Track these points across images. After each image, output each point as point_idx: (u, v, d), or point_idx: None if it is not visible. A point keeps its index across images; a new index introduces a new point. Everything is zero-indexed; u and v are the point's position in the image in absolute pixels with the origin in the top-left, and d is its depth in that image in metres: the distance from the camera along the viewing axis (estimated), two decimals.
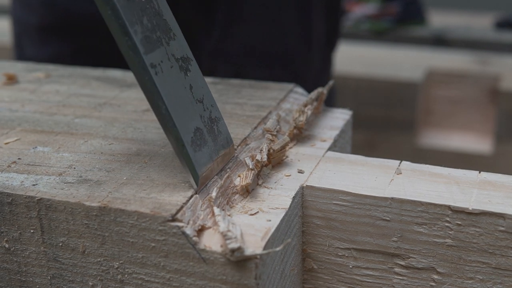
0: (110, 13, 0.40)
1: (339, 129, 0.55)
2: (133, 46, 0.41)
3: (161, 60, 0.43)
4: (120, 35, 0.41)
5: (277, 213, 0.42)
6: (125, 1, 0.41)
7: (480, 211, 0.42)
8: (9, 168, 0.46)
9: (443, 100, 1.56)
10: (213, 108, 0.46)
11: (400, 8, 2.02)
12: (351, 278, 0.47)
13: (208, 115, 0.45)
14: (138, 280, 0.42)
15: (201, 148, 0.43)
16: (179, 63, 0.44)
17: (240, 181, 0.44)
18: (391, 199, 0.44)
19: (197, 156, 0.43)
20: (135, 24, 0.41)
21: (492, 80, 1.51)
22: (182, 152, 0.42)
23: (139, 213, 0.41)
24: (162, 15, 0.44)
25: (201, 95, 0.45)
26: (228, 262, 0.39)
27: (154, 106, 0.42)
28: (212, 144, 0.45)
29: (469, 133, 1.55)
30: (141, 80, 0.42)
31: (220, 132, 0.46)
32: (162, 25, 0.44)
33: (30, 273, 0.45)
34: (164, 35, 0.43)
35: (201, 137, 0.44)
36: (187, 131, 0.43)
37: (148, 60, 0.41)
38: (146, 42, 0.42)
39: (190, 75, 0.45)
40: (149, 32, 0.42)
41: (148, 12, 0.43)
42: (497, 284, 0.43)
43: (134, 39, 0.41)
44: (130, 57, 0.41)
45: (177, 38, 0.45)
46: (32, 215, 0.43)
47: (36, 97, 0.60)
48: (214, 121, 0.46)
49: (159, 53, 0.42)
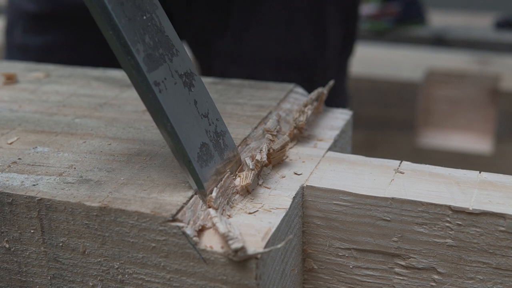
0: (112, 33, 0.40)
1: (339, 129, 0.55)
2: (136, 65, 0.41)
3: (165, 77, 0.42)
4: (123, 55, 0.40)
5: (278, 213, 0.42)
6: (126, 20, 0.40)
7: (480, 211, 0.42)
8: (10, 168, 0.46)
9: (443, 100, 1.56)
10: (218, 122, 0.46)
11: (400, 8, 2.02)
12: (352, 278, 0.47)
13: (213, 129, 0.45)
14: (139, 280, 0.42)
15: (208, 164, 0.43)
16: (182, 79, 0.44)
17: (240, 181, 0.44)
18: (392, 199, 0.44)
19: (204, 172, 0.43)
20: (137, 43, 0.41)
21: (492, 80, 1.51)
22: (188, 168, 0.42)
23: (139, 213, 0.41)
24: (164, 31, 0.43)
25: (206, 109, 0.45)
26: (228, 262, 0.39)
27: (159, 124, 0.42)
28: (219, 158, 0.44)
29: (469, 133, 1.55)
30: (145, 98, 0.41)
31: (226, 146, 0.46)
32: (164, 41, 0.43)
33: (31, 273, 0.45)
34: (167, 52, 0.43)
35: (207, 152, 0.43)
36: (193, 147, 0.42)
37: (151, 79, 0.41)
38: (149, 60, 0.41)
39: (194, 90, 0.45)
40: (152, 50, 0.42)
41: (150, 30, 0.42)
42: (497, 284, 0.43)
43: (136, 58, 0.40)
44: (133, 76, 0.41)
45: (180, 53, 0.44)
46: (32, 215, 0.43)
47: (36, 97, 0.60)
48: (220, 135, 0.45)
49: (162, 71, 0.42)
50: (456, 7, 2.60)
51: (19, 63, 0.71)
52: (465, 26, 2.08)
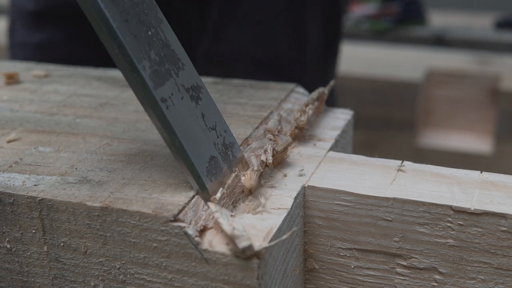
0: (117, 51, 0.40)
1: (340, 129, 0.55)
2: (142, 82, 0.40)
3: (172, 92, 0.42)
4: (129, 72, 0.40)
5: (279, 213, 0.42)
6: (131, 37, 0.40)
7: (482, 211, 0.42)
8: (11, 168, 0.46)
9: (443, 100, 1.56)
10: (226, 133, 0.45)
11: (400, 8, 2.01)
12: (353, 278, 0.47)
13: (222, 141, 0.45)
14: (140, 280, 0.42)
15: (217, 177, 0.43)
16: (189, 93, 0.44)
17: (245, 181, 0.44)
18: (393, 199, 0.44)
19: (214, 186, 0.42)
20: (143, 60, 0.41)
21: (492, 80, 1.51)
22: (197, 182, 0.42)
23: (141, 213, 0.41)
24: (170, 45, 0.43)
25: (213, 122, 0.45)
26: (230, 262, 0.39)
27: (167, 140, 0.42)
28: (228, 171, 0.44)
29: (469, 133, 1.55)
30: (152, 115, 0.41)
31: (235, 157, 0.45)
32: (170, 56, 0.43)
33: (32, 274, 0.45)
34: (173, 66, 0.43)
35: (216, 165, 0.43)
36: (202, 162, 0.42)
37: (158, 95, 0.41)
38: (155, 76, 0.41)
39: (202, 103, 0.44)
40: (158, 66, 0.42)
41: (155, 45, 0.42)
42: (498, 284, 0.43)
43: (142, 75, 0.40)
44: (140, 93, 0.41)
45: (186, 67, 0.44)
46: (33, 215, 0.43)
47: (37, 97, 0.60)
48: (228, 147, 0.45)
49: (169, 86, 0.42)
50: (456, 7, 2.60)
51: (19, 63, 0.71)
52: (465, 26, 2.08)
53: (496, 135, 1.47)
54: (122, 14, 0.40)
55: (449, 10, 2.41)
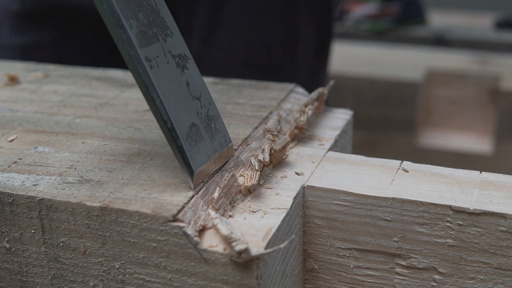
0: (106, 7, 0.41)
1: (340, 129, 0.55)
2: (128, 40, 0.41)
3: (157, 55, 0.43)
4: (115, 29, 0.41)
5: (278, 213, 0.42)
6: None
7: (481, 211, 0.42)
8: (10, 168, 0.46)
9: (443, 100, 1.56)
10: (210, 106, 0.46)
11: (400, 8, 2.02)
12: (352, 278, 0.47)
13: (205, 112, 0.45)
14: (139, 280, 0.42)
15: (197, 144, 0.43)
16: (175, 59, 0.44)
17: (245, 181, 0.44)
18: (392, 199, 0.44)
19: (193, 151, 0.43)
20: (130, 19, 0.41)
21: (492, 80, 1.51)
22: (176, 146, 0.42)
23: (140, 213, 0.41)
24: (159, 12, 0.44)
25: (198, 92, 0.45)
26: (229, 263, 0.39)
27: (148, 99, 0.42)
28: (209, 141, 0.45)
29: (469, 133, 1.55)
30: (136, 73, 0.42)
31: (218, 131, 0.46)
32: (159, 22, 0.44)
33: (31, 274, 0.45)
34: (161, 32, 0.44)
35: (197, 132, 0.44)
36: (182, 125, 0.43)
37: (143, 54, 0.42)
38: (142, 36, 0.42)
39: (187, 72, 0.45)
40: (145, 28, 0.42)
41: (145, 9, 0.43)
42: (498, 284, 0.43)
43: (129, 32, 0.41)
44: (125, 50, 0.41)
45: (174, 36, 0.45)
46: (33, 215, 0.43)
47: (37, 97, 0.60)
48: (211, 119, 0.45)
49: (154, 48, 0.43)
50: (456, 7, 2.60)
51: (19, 63, 0.71)
52: (465, 26, 2.08)
53: (496, 135, 1.47)
54: None
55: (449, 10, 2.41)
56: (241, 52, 0.89)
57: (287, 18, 0.89)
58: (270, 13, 0.88)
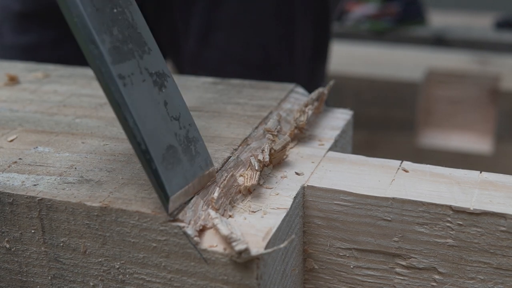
0: (77, 20, 0.38)
1: (340, 129, 0.55)
2: (100, 55, 0.38)
3: (132, 72, 0.40)
4: (86, 43, 0.38)
5: (278, 213, 0.42)
6: (93, 9, 0.39)
7: (481, 211, 0.42)
8: (10, 168, 0.46)
9: (443, 100, 1.56)
10: (190, 127, 0.43)
11: (400, 8, 2.02)
12: (352, 278, 0.47)
13: (184, 133, 0.42)
14: (139, 280, 0.42)
15: (174, 167, 0.40)
16: (153, 77, 0.41)
17: (245, 181, 0.44)
18: (392, 199, 0.43)
19: (169, 175, 0.40)
20: (103, 33, 0.39)
21: (492, 80, 1.51)
22: (150, 169, 0.39)
23: (140, 213, 0.40)
24: (136, 27, 0.41)
25: (177, 112, 0.42)
26: (229, 262, 0.39)
27: (121, 119, 0.39)
28: (188, 164, 0.42)
29: (469, 133, 1.55)
30: (108, 91, 0.39)
31: (198, 153, 0.43)
32: (136, 37, 0.41)
33: (31, 273, 0.45)
34: (137, 48, 0.41)
35: (174, 155, 0.41)
36: (157, 147, 0.40)
37: (115, 71, 0.39)
38: (115, 52, 0.39)
39: (166, 91, 0.42)
40: (120, 43, 0.40)
41: (120, 23, 0.40)
42: (498, 284, 0.43)
43: (100, 47, 0.38)
44: (97, 67, 0.39)
45: (152, 52, 0.42)
46: (33, 215, 0.43)
47: (37, 97, 0.60)
48: (191, 141, 0.42)
49: (129, 65, 0.40)
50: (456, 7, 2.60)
51: (19, 63, 0.71)
52: (465, 26, 2.08)
53: (496, 135, 1.47)
54: None
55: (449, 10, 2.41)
56: (238, 52, 0.89)
57: (284, 17, 0.89)
58: (267, 12, 0.88)
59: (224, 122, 0.53)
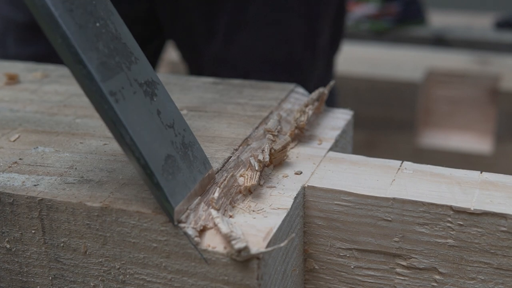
0: (61, 41, 0.37)
1: (340, 129, 0.55)
2: (88, 74, 0.38)
3: (122, 86, 0.39)
4: (73, 64, 0.38)
5: (279, 213, 0.42)
6: (76, 28, 0.38)
7: (481, 212, 0.42)
8: (10, 168, 0.46)
9: (443, 100, 1.56)
10: (185, 132, 0.43)
11: (400, 8, 2.02)
12: (353, 278, 0.47)
13: (180, 140, 0.42)
14: (140, 280, 0.42)
15: (175, 177, 0.40)
16: (143, 88, 0.41)
17: (245, 182, 0.44)
18: (393, 200, 0.43)
19: (171, 186, 0.39)
20: (89, 51, 0.38)
21: (492, 80, 1.51)
22: (153, 183, 0.39)
23: (140, 213, 0.40)
24: (121, 38, 0.41)
25: (171, 119, 0.42)
26: (230, 263, 0.39)
27: (117, 136, 0.39)
28: (188, 171, 0.41)
29: (469, 133, 1.55)
30: (101, 109, 0.38)
31: (196, 158, 0.42)
32: (122, 49, 0.40)
33: (32, 274, 0.45)
34: (124, 60, 0.40)
35: (173, 164, 0.40)
36: (156, 159, 0.39)
37: (106, 88, 0.38)
38: (103, 68, 0.38)
39: (157, 100, 0.41)
40: (106, 58, 0.39)
41: (105, 37, 0.39)
42: (498, 284, 0.43)
43: (88, 66, 0.37)
44: (87, 86, 0.38)
45: (139, 61, 0.41)
46: (33, 215, 0.43)
47: (37, 97, 0.60)
48: (187, 146, 0.42)
49: (119, 79, 0.39)
50: (456, 7, 2.60)
51: (19, 63, 0.71)
52: (465, 26, 2.08)
53: (496, 135, 1.47)
54: (65, 3, 0.38)
55: (449, 10, 2.41)
56: (264, 51, 0.89)
57: (308, 13, 0.90)
58: (292, 10, 0.89)
59: (224, 122, 0.53)
